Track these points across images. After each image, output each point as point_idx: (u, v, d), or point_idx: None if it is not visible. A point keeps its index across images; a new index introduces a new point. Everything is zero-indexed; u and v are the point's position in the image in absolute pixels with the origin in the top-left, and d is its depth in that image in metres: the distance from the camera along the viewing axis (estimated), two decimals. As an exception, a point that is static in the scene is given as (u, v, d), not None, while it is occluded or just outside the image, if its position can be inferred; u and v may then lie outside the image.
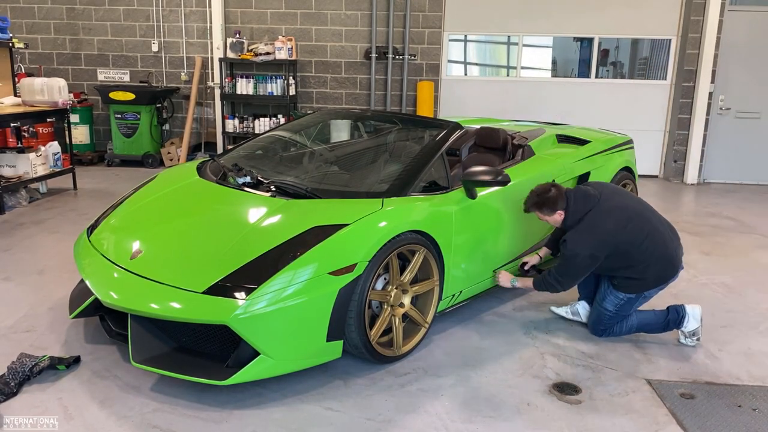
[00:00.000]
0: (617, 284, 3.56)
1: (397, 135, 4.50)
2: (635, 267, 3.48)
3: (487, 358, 3.39)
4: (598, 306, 3.67)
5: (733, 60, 8.45)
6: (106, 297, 2.98)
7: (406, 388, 3.06)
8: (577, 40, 8.99)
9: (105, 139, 9.12)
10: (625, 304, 3.57)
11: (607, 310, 3.62)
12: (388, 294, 3.23)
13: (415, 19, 8.69)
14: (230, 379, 2.75)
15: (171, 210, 3.65)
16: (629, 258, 3.46)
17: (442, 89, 8.98)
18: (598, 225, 3.44)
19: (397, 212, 3.26)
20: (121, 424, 2.69)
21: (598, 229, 3.43)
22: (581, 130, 5.48)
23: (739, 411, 2.96)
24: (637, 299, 3.58)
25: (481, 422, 2.80)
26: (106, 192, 7.07)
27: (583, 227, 3.45)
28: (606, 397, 3.05)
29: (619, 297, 3.57)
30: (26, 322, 3.62)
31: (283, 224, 3.16)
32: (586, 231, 3.44)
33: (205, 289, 2.81)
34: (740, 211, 7.08)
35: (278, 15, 8.82)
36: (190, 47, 9.02)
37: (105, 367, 3.13)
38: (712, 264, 5.13)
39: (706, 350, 3.59)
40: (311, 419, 2.78)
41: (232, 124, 8.84)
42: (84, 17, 9.02)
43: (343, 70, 8.92)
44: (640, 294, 3.56)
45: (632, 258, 3.46)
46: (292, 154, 4.44)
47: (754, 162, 8.76)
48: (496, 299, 4.19)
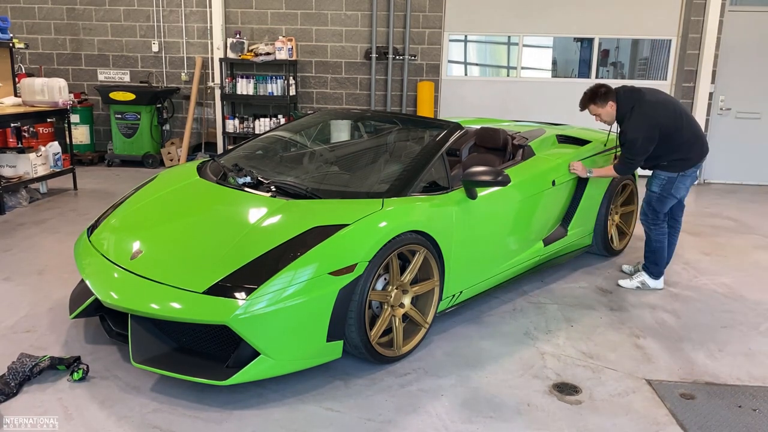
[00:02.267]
0: (665, 166, 4.22)
1: (398, 135, 4.50)
2: (680, 149, 4.16)
3: (487, 359, 3.39)
4: (647, 191, 4.35)
5: (734, 60, 8.45)
6: (106, 297, 2.98)
7: (406, 388, 3.06)
8: (577, 41, 8.99)
9: (105, 140, 9.12)
10: (666, 183, 4.25)
11: (653, 192, 4.30)
12: (389, 294, 3.23)
13: (415, 20, 8.70)
14: (230, 379, 2.75)
15: (171, 210, 3.65)
16: (675, 139, 4.13)
17: (443, 89, 8.98)
18: (647, 113, 4.08)
19: (398, 212, 3.26)
20: (121, 424, 2.68)
21: (647, 116, 4.08)
22: (581, 130, 5.48)
23: (740, 411, 2.96)
24: (676, 179, 4.22)
25: (481, 422, 2.80)
26: (106, 192, 7.07)
27: (635, 117, 4.09)
28: (606, 398, 3.05)
29: (662, 177, 4.25)
30: (26, 322, 3.62)
31: (284, 224, 3.16)
32: (639, 118, 4.09)
33: (206, 289, 2.81)
34: (740, 211, 7.08)
35: (278, 15, 8.82)
36: (191, 47, 9.02)
37: (105, 367, 3.13)
38: (713, 264, 5.14)
39: (707, 350, 3.59)
40: (311, 419, 2.78)
41: (232, 124, 8.84)
42: (84, 17, 9.02)
43: (343, 71, 8.92)
44: (679, 173, 4.20)
45: (676, 139, 4.14)
46: (293, 155, 4.45)
47: (755, 162, 8.75)
48: (496, 299, 4.19)
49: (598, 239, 4.97)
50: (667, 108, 4.15)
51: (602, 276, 4.76)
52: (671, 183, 4.24)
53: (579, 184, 4.70)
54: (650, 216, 4.37)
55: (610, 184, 4.88)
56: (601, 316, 4.03)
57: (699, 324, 3.95)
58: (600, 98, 4.19)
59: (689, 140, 4.17)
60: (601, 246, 5.03)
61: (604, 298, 4.32)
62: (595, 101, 4.21)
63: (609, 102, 4.18)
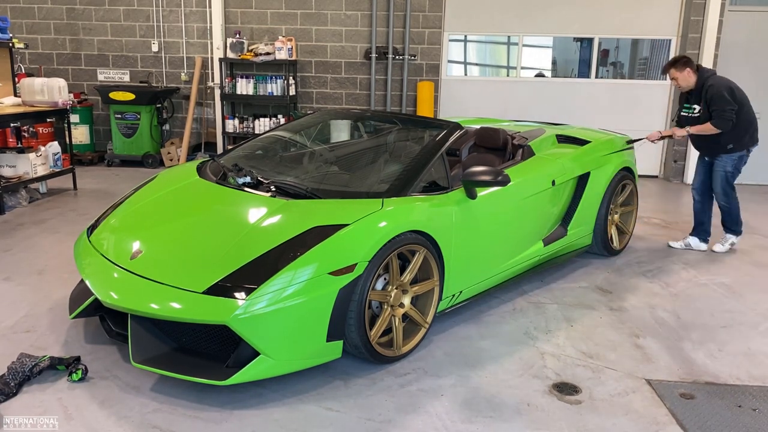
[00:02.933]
0: (732, 147, 5.01)
1: (397, 135, 4.50)
2: (746, 126, 4.99)
3: (487, 358, 3.39)
4: (720, 173, 5.13)
5: (733, 60, 8.44)
6: (106, 297, 2.98)
7: (406, 388, 3.06)
8: (577, 41, 8.99)
9: (105, 139, 9.12)
10: (737, 161, 5.10)
11: (728, 171, 5.11)
12: (388, 294, 3.23)
13: (415, 20, 8.70)
14: (230, 379, 2.75)
15: (171, 210, 3.65)
16: (745, 114, 4.95)
17: (442, 89, 8.98)
18: (725, 79, 5.03)
19: (397, 212, 3.26)
20: (121, 424, 2.69)
21: (726, 79, 5.02)
22: (581, 130, 5.49)
23: (739, 411, 2.96)
24: (744, 156, 5.13)
25: (481, 422, 2.80)
26: (106, 192, 7.07)
27: (716, 79, 4.96)
28: (606, 397, 3.05)
29: (733, 157, 5.07)
30: (26, 323, 3.62)
31: (283, 224, 3.16)
32: (720, 79, 4.99)
33: (205, 289, 2.81)
34: (740, 211, 7.06)
35: (278, 15, 8.82)
36: (190, 47, 9.02)
37: (105, 367, 3.13)
38: (713, 264, 5.14)
39: (706, 350, 3.59)
40: (311, 419, 2.78)
41: (232, 124, 8.84)
42: (84, 17, 9.02)
43: (343, 71, 8.92)
44: (746, 150, 5.11)
45: (746, 115, 4.96)
46: (292, 155, 4.44)
47: (754, 162, 8.65)
48: (496, 299, 4.19)
49: (597, 239, 4.98)
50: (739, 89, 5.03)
51: (602, 276, 4.76)
52: (741, 160, 5.14)
53: (579, 184, 4.71)
54: (730, 191, 5.19)
55: (610, 184, 4.89)
56: (601, 315, 4.03)
57: (699, 324, 3.95)
58: (680, 65, 4.99)
59: (752, 120, 5.05)
60: (601, 246, 5.03)
61: (604, 298, 4.32)
62: (676, 66, 5.00)
63: (687, 69, 4.97)
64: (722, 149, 5.08)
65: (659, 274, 4.85)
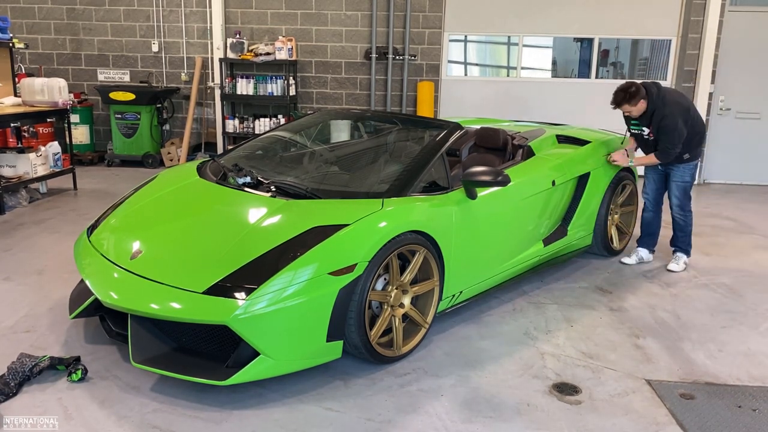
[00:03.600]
0: (688, 157, 4.72)
1: (397, 135, 4.50)
2: (700, 135, 4.74)
3: (487, 359, 3.39)
4: (678, 184, 4.81)
5: (733, 60, 8.44)
6: (106, 297, 2.98)
7: (406, 388, 3.06)
8: (577, 41, 8.99)
9: (105, 140, 9.12)
10: (694, 169, 4.84)
11: (686, 182, 4.80)
12: (388, 294, 3.23)
13: (415, 20, 8.70)
14: (230, 379, 2.75)
15: (171, 210, 3.65)
16: (696, 126, 4.68)
17: (442, 89, 8.98)
18: (678, 102, 4.62)
19: (397, 212, 3.26)
20: (121, 424, 2.69)
21: (679, 105, 4.60)
22: (581, 130, 5.48)
23: (739, 411, 2.96)
24: (698, 165, 4.96)
25: (481, 423, 2.80)
26: (106, 192, 7.07)
27: (668, 108, 4.53)
28: (606, 398, 3.05)
29: (690, 166, 4.79)
30: (26, 322, 3.62)
31: (283, 224, 3.16)
32: (672, 107, 4.54)
33: (205, 289, 2.81)
34: (740, 211, 7.08)
35: (278, 15, 8.82)
36: (191, 47, 9.02)
37: (105, 367, 3.13)
38: (712, 264, 5.13)
39: (706, 350, 3.59)
40: (311, 419, 2.78)
41: (232, 124, 8.84)
42: (84, 17, 9.02)
43: (343, 71, 8.92)
44: (698, 159, 4.86)
45: (697, 127, 4.69)
46: (292, 155, 4.44)
47: (754, 162, 8.75)
48: (496, 299, 4.19)
49: (597, 239, 4.98)
50: (687, 99, 4.78)
51: (602, 276, 4.76)
52: (695, 168, 4.91)
53: (579, 184, 4.71)
54: (686, 203, 4.86)
55: (610, 184, 4.89)
56: (601, 316, 4.03)
57: (699, 324, 3.95)
58: (633, 100, 4.54)
59: (702, 127, 4.80)
60: (601, 246, 5.03)
61: (604, 298, 4.32)
62: (630, 102, 4.55)
63: (640, 100, 4.55)
64: (678, 159, 4.73)
65: (659, 274, 4.85)
